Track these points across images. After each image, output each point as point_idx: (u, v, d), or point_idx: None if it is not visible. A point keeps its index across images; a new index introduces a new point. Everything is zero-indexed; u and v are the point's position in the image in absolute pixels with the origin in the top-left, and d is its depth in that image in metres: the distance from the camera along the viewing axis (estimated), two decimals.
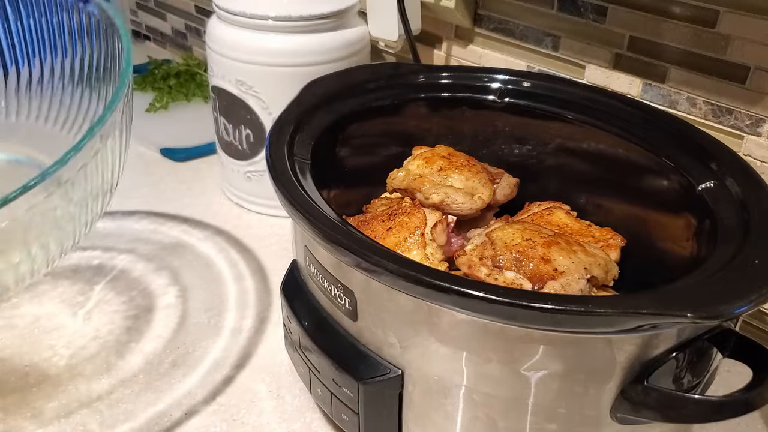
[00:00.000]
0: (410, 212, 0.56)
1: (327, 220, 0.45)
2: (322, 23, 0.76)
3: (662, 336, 0.40)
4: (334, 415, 0.51)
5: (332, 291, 0.48)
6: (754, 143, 0.62)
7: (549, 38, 0.75)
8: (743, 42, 0.60)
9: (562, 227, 0.58)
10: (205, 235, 0.81)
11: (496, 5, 0.78)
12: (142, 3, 1.35)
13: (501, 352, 0.42)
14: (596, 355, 0.41)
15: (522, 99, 0.64)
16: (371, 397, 0.47)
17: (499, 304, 0.38)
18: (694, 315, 0.36)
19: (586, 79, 0.73)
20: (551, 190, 0.64)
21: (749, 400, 0.38)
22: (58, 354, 0.64)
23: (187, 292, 0.72)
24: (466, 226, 0.60)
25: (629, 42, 0.68)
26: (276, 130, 0.54)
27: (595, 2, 0.69)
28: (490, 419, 0.44)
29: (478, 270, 0.50)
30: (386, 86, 0.64)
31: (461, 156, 0.62)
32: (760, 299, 0.38)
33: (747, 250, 0.42)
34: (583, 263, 0.49)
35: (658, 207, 0.56)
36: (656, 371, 0.41)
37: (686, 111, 0.66)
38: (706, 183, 0.51)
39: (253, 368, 0.63)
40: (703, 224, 0.49)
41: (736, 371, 0.44)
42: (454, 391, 0.44)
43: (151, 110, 1.07)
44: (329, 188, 0.57)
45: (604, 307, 0.37)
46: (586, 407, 0.43)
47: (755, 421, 0.58)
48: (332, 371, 0.48)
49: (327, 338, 0.50)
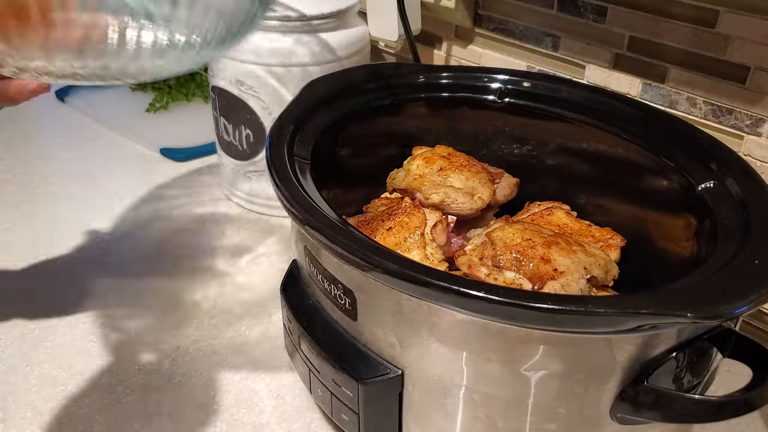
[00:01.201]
0: (410, 212, 0.56)
1: (327, 220, 0.45)
2: (322, 23, 0.76)
3: (662, 336, 0.41)
4: (334, 415, 0.51)
5: (332, 291, 0.48)
6: (754, 143, 0.62)
7: (549, 38, 0.75)
8: (743, 42, 0.60)
9: (562, 227, 0.58)
10: (205, 235, 0.81)
11: (496, 5, 0.78)
12: None
13: (501, 352, 0.42)
14: (596, 355, 0.41)
15: (522, 99, 0.64)
16: (371, 397, 0.47)
17: (499, 304, 0.38)
18: (694, 315, 0.36)
19: (586, 79, 0.73)
20: (551, 190, 0.64)
21: (749, 400, 0.38)
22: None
23: (187, 292, 0.72)
24: (466, 226, 0.60)
25: (629, 42, 0.68)
26: (276, 130, 0.54)
27: (595, 2, 0.69)
28: (490, 419, 0.44)
29: (478, 270, 0.50)
30: (386, 86, 0.64)
31: (461, 156, 0.63)
32: (760, 299, 0.38)
33: (747, 250, 0.42)
34: (583, 263, 0.49)
35: (658, 207, 0.56)
36: (656, 371, 0.41)
37: (686, 111, 0.66)
38: (706, 183, 0.51)
39: (253, 368, 0.63)
40: (703, 224, 0.49)
41: (736, 371, 0.44)
42: (454, 391, 0.44)
43: (151, 110, 1.07)
44: (329, 188, 0.57)
45: (604, 307, 0.37)
46: (586, 407, 0.43)
47: (755, 421, 0.58)
48: (332, 371, 0.48)
49: (327, 338, 0.50)
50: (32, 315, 0.68)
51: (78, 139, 1.01)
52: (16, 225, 0.82)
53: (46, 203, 0.86)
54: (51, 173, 0.93)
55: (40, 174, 0.93)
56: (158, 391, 0.60)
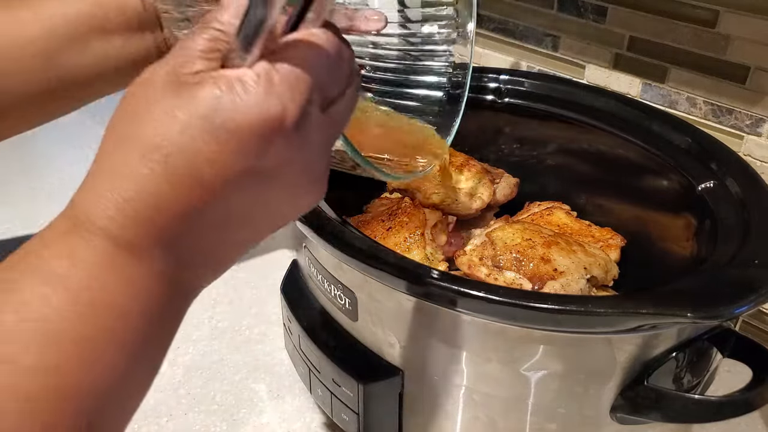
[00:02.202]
0: (410, 212, 0.56)
1: (327, 220, 0.45)
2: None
3: (662, 336, 0.40)
4: (334, 415, 0.51)
5: (332, 291, 0.48)
6: (754, 143, 0.62)
7: (549, 38, 0.75)
8: (743, 42, 0.60)
9: (562, 227, 0.58)
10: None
11: (496, 5, 0.78)
12: None
13: (501, 352, 0.41)
14: (596, 355, 0.41)
15: (522, 99, 0.64)
16: (371, 397, 0.47)
17: (499, 304, 0.38)
18: (694, 315, 0.36)
19: (586, 79, 0.73)
20: (551, 190, 0.64)
21: (749, 400, 0.38)
22: None
23: None
24: (466, 226, 0.60)
25: (629, 42, 0.68)
26: None
27: (595, 2, 0.69)
28: (490, 419, 0.44)
29: (478, 270, 0.50)
30: None
31: (461, 156, 0.62)
32: (760, 299, 0.38)
33: (747, 250, 0.42)
34: (583, 263, 0.49)
35: (658, 207, 0.56)
36: (656, 371, 0.41)
37: (686, 111, 0.66)
38: (706, 183, 0.51)
39: (253, 368, 0.63)
40: (703, 224, 0.49)
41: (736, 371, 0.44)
42: (454, 391, 0.44)
43: None
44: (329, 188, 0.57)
45: (604, 307, 0.37)
46: (586, 407, 0.43)
47: (755, 421, 0.58)
48: (332, 371, 0.48)
49: (327, 338, 0.50)
50: None
51: (78, 139, 1.01)
52: (15, 225, 0.82)
53: (46, 203, 0.86)
54: (51, 173, 0.93)
55: (40, 174, 0.93)
56: (158, 391, 0.60)
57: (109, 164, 0.28)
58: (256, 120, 0.26)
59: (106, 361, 0.26)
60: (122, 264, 0.27)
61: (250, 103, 0.26)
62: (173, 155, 0.26)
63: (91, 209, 0.27)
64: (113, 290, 0.26)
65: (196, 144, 0.26)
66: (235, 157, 0.27)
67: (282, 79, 0.27)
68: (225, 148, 0.26)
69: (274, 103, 0.27)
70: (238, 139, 0.26)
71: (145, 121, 0.27)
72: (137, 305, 0.27)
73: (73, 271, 0.26)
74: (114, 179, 0.27)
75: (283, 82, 0.27)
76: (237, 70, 0.27)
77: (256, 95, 0.26)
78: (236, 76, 0.27)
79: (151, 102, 0.27)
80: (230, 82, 0.26)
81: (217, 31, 0.28)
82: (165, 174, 0.26)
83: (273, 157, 0.27)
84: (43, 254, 0.26)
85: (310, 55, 0.28)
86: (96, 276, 0.26)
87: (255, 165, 0.27)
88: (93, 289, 0.26)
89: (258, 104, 0.26)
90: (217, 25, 0.28)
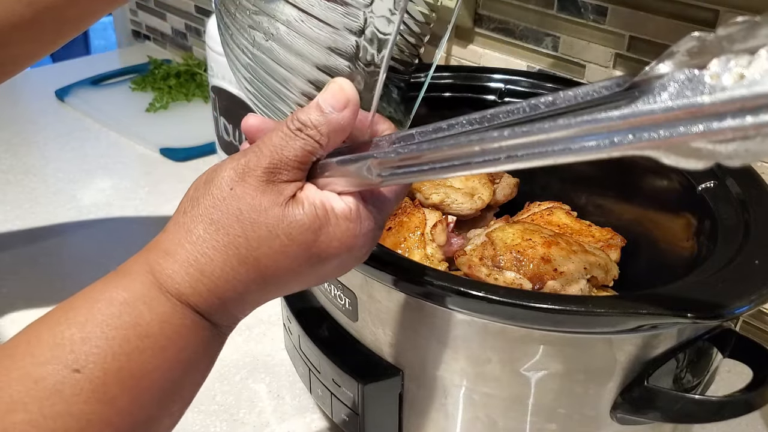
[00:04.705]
0: (410, 212, 0.56)
1: None
2: None
3: (662, 336, 0.40)
4: (334, 415, 0.51)
5: (332, 291, 0.48)
6: None
7: (549, 38, 0.75)
8: None
9: (562, 227, 0.58)
10: None
11: (496, 5, 0.78)
12: (142, 3, 1.35)
13: (501, 352, 0.41)
14: (596, 355, 0.41)
15: (522, 99, 0.64)
16: (371, 397, 0.47)
17: (499, 304, 0.38)
18: (694, 315, 0.36)
19: (586, 79, 0.73)
20: (551, 190, 0.64)
21: (749, 400, 0.38)
22: None
23: None
24: (466, 226, 0.60)
25: (629, 42, 0.68)
26: None
27: (595, 2, 0.69)
28: (490, 419, 0.44)
29: (478, 270, 0.50)
30: None
31: None
32: (760, 299, 0.38)
33: (747, 250, 0.42)
34: (583, 263, 0.49)
35: (658, 207, 0.56)
36: (656, 371, 0.41)
37: None
38: (706, 183, 0.50)
39: (253, 368, 0.63)
40: (703, 224, 0.49)
41: (736, 371, 0.44)
42: (454, 391, 0.44)
43: (151, 110, 1.07)
44: None
45: (604, 307, 0.37)
46: (586, 407, 0.43)
47: (755, 421, 0.58)
48: (332, 371, 0.48)
49: (327, 338, 0.50)
50: (31, 315, 0.68)
51: (78, 139, 1.01)
52: (15, 225, 0.82)
53: (46, 203, 0.86)
54: (51, 173, 0.93)
55: (40, 174, 0.93)
56: None
57: (208, 260, 0.33)
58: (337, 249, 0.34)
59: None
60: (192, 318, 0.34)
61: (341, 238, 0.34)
62: (270, 269, 0.33)
63: (182, 287, 0.33)
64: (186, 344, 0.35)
65: (288, 262, 0.33)
66: (312, 269, 0.34)
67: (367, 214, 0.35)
68: (306, 263, 0.33)
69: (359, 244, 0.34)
70: (323, 260, 0.34)
71: (250, 236, 0.32)
72: (195, 355, 0.36)
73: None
74: (214, 279, 0.33)
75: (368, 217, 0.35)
76: (334, 201, 0.33)
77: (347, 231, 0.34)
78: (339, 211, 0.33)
79: (256, 210, 0.32)
80: (332, 216, 0.33)
81: (315, 143, 0.33)
82: (256, 281, 0.33)
83: (335, 259, 0.34)
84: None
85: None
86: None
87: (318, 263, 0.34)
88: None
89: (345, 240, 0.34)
90: (314, 134, 0.33)
